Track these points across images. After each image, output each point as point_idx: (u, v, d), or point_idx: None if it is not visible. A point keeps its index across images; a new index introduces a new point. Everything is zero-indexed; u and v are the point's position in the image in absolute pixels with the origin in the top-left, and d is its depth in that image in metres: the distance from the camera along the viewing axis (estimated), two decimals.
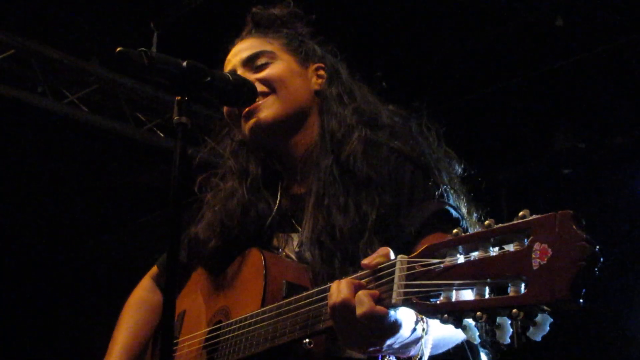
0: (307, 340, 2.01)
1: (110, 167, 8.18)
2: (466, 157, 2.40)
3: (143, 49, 1.86)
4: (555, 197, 7.43)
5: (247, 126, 2.37)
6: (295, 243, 2.35)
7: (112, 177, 8.39)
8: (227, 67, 2.47)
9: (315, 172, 2.33)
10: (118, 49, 1.83)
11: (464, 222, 2.20)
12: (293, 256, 2.34)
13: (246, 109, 2.32)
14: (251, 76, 2.37)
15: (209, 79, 1.96)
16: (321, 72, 2.48)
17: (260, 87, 2.35)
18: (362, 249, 2.11)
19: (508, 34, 6.40)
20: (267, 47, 2.44)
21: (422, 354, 1.78)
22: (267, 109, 2.34)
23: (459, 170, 2.36)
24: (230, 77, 2.06)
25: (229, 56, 2.49)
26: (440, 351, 1.92)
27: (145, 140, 7.14)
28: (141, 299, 2.74)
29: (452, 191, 2.24)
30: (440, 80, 6.88)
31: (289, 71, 2.42)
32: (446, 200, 2.19)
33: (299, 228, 2.36)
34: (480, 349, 2.17)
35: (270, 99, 2.35)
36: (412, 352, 1.80)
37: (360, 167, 2.24)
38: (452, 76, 6.95)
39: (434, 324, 1.77)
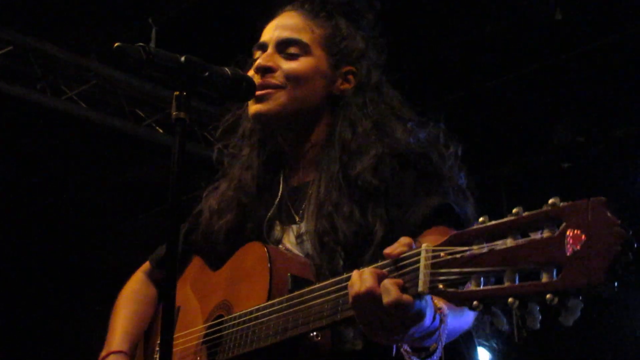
0: (315, 333, 2.00)
1: (110, 164, 8.18)
2: (465, 151, 2.39)
3: (141, 44, 1.86)
4: (555, 191, 7.42)
5: (251, 110, 2.37)
6: (294, 234, 2.34)
7: (111, 174, 8.39)
8: (264, 37, 2.43)
9: (318, 173, 2.31)
10: (116, 44, 1.83)
11: (467, 223, 2.17)
12: (293, 248, 2.32)
13: (257, 92, 2.28)
14: (277, 61, 2.35)
15: (207, 74, 1.95)
16: (350, 77, 2.42)
17: (276, 78, 2.33)
18: (367, 260, 2.06)
19: (507, 27, 6.39)
20: (306, 37, 2.38)
21: (439, 345, 1.77)
22: (273, 102, 2.32)
23: (464, 182, 2.32)
24: (229, 72, 2.05)
25: (272, 23, 2.44)
26: (449, 340, 1.91)
27: (145, 137, 7.14)
28: (135, 291, 2.70)
29: (458, 193, 2.23)
30: (439, 74, 6.87)
31: (315, 70, 2.36)
32: (450, 198, 2.18)
33: (298, 220, 2.35)
34: (479, 344, 2.17)
35: (280, 93, 2.33)
36: (429, 342, 1.78)
37: (370, 181, 2.21)
38: (451, 70, 6.94)
39: (450, 316, 1.76)
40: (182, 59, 1.91)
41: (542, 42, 6.56)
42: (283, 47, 2.38)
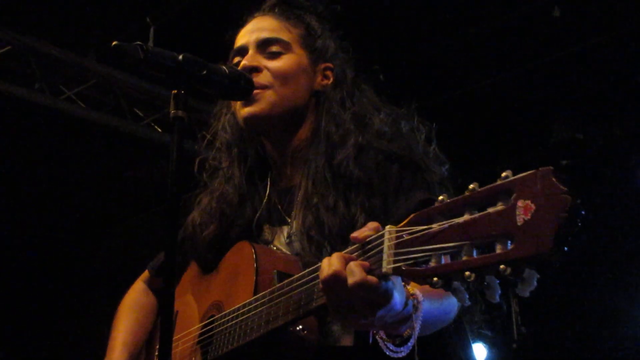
0: (300, 327, 2.02)
1: (108, 163, 8.17)
2: (464, 149, 2.39)
3: (139, 42, 1.86)
4: None
5: (241, 115, 2.38)
6: (285, 235, 2.36)
7: (110, 173, 8.39)
8: (240, 41, 2.45)
9: (305, 169, 2.34)
10: (113, 42, 1.83)
11: None
12: (283, 248, 2.34)
13: None
14: (261, 61, 2.37)
15: (205, 72, 1.95)
16: (328, 73, 2.46)
17: (263, 78, 2.34)
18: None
19: (506, 24, 6.39)
20: (285, 36, 2.41)
21: (413, 331, 1.78)
22: (263, 102, 2.33)
23: (445, 172, 2.34)
24: (227, 70, 2.05)
25: (247, 28, 2.47)
26: (429, 332, 1.92)
27: (143, 136, 7.14)
28: (135, 301, 2.74)
29: (442, 188, 2.24)
30: (437, 73, 6.87)
31: (298, 67, 2.39)
32: (434, 192, 2.19)
33: (288, 220, 2.36)
34: (477, 340, 2.17)
35: (269, 92, 2.34)
36: (403, 329, 1.79)
37: (351, 171, 2.24)
38: (449, 68, 6.94)
39: (426, 303, 1.77)
40: (180, 57, 1.92)
41: (540, 39, 6.56)
42: (264, 47, 2.40)
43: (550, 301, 7.69)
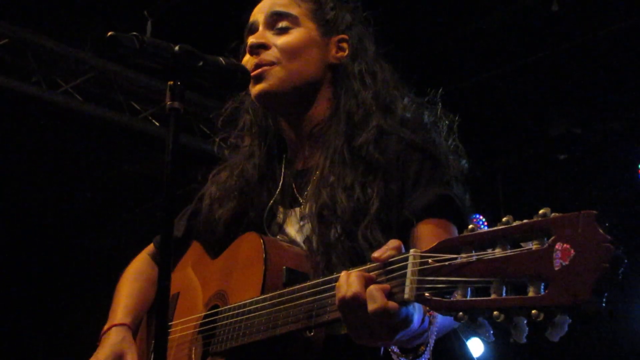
0: (307, 330, 1.98)
1: (106, 157, 8.17)
2: (462, 144, 2.37)
3: (134, 33, 1.85)
4: (551, 183, 7.44)
5: (253, 92, 2.35)
6: (298, 217, 2.32)
7: (108, 167, 8.39)
8: (252, 19, 2.42)
9: (324, 150, 2.29)
10: (109, 33, 1.81)
11: (466, 215, 2.16)
12: (293, 232, 2.31)
13: (253, 72, 2.28)
14: (269, 38, 2.34)
15: (201, 63, 1.94)
16: (343, 45, 2.41)
17: (271, 54, 2.31)
18: (361, 231, 2.08)
19: (503, 19, 6.38)
20: (294, 10, 2.37)
21: (427, 346, 1.76)
22: (272, 77, 2.30)
23: (466, 165, 2.31)
24: (223, 62, 2.04)
25: (258, 6, 2.43)
26: (438, 337, 1.91)
27: (140, 129, 7.12)
28: (139, 271, 2.69)
29: (458, 183, 2.22)
30: (434, 67, 6.86)
31: (307, 41, 2.35)
32: (452, 189, 2.16)
33: (301, 201, 2.33)
34: (474, 335, 2.17)
35: (276, 68, 2.30)
36: (416, 342, 1.77)
37: (372, 154, 2.20)
38: (447, 62, 6.94)
39: (440, 317, 1.74)
40: (176, 48, 1.90)
41: (538, 34, 6.56)
42: (273, 22, 2.36)
43: None
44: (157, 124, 7.19)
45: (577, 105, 7.29)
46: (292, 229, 2.33)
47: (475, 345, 7.84)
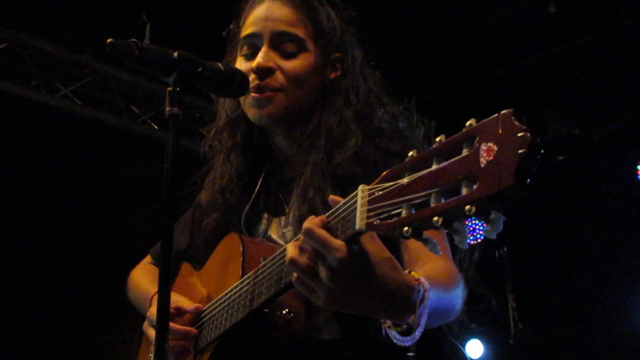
0: (287, 310, 2.02)
1: (105, 160, 8.18)
2: None
3: (134, 39, 1.86)
4: (550, 183, 7.44)
5: (252, 114, 2.35)
6: (282, 225, 2.36)
7: (107, 170, 8.39)
8: (253, 27, 2.37)
9: (305, 161, 2.33)
10: (108, 40, 1.82)
11: None
12: (278, 238, 2.34)
13: (256, 95, 2.28)
14: (276, 60, 2.31)
15: (200, 69, 1.95)
16: (337, 65, 2.41)
17: (276, 80, 2.30)
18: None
19: (501, 20, 6.39)
20: (301, 32, 2.34)
21: (420, 320, 1.75)
22: (275, 105, 2.30)
23: None
24: (222, 67, 2.04)
25: (259, 13, 2.38)
26: (435, 323, 1.88)
27: (140, 133, 7.14)
28: (147, 269, 2.74)
29: None
30: (434, 68, 6.87)
31: (312, 68, 2.34)
32: None
33: (286, 210, 2.36)
34: (474, 338, 2.16)
35: (280, 96, 2.30)
36: (408, 318, 1.75)
37: (350, 169, 2.23)
38: (445, 64, 6.95)
39: (432, 293, 1.75)
40: (175, 54, 1.91)
41: (536, 35, 6.57)
42: (278, 42, 2.33)
43: (548, 297, 7.70)
44: (156, 127, 7.20)
45: (576, 107, 7.30)
46: (275, 234, 2.36)
47: (475, 346, 7.86)
